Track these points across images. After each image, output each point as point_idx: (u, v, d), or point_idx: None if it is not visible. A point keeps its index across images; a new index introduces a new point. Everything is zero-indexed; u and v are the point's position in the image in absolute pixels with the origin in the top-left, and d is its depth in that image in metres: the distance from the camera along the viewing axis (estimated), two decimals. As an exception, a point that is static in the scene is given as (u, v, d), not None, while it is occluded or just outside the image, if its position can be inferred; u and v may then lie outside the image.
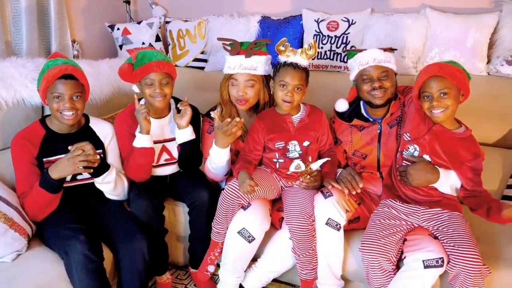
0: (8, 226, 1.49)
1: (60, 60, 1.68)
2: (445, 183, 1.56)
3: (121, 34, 2.81)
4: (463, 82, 1.52)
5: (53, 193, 1.58)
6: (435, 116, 1.54)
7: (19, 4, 2.26)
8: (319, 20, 2.47)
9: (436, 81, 1.51)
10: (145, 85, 1.78)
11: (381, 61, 1.70)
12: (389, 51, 1.76)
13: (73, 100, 1.65)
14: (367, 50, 1.75)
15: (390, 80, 1.73)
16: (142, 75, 1.76)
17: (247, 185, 1.60)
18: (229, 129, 1.67)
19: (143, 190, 1.80)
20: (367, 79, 1.73)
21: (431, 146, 1.58)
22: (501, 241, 1.68)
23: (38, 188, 1.57)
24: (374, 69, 1.71)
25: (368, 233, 1.58)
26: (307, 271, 1.67)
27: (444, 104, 1.51)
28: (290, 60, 1.67)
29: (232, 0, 2.76)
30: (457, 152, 1.55)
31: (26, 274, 1.43)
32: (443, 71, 1.50)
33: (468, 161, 1.54)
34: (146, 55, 1.77)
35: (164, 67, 1.76)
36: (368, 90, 1.72)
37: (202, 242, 1.84)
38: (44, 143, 1.69)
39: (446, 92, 1.50)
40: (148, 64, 1.74)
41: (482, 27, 2.16)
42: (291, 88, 1.66)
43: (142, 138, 1.77)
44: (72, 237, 1.50)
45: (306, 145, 1.74)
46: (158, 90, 1.76)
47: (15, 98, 1.92)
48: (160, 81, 1.76)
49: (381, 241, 1.53)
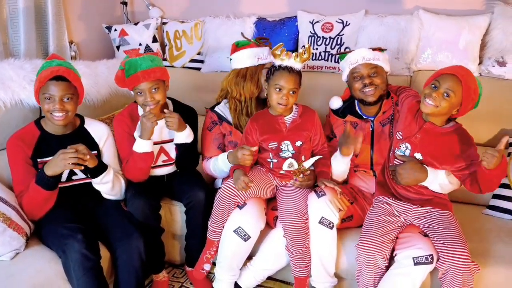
0: (6, 225, 1.51)
1: (56, 61, 1.70)
2: (433, 181, 1.59)
3: (118, 35, 2.83)
4: (469, 100, 1.51)
5: (49, 190, 1.60)
6: (425, 104, 1.53)
7: (17, 6, 2.27)
8: (314, 21, 2.50)
9: (451, 80, 1.50)
10: (136, 94, 1.80)
11: (370, 59, 1.76)
12: (378, 50, 1.81)
13: (63, 102, 1.66)
14: (356, 49, 1.82)
15: (380, 77, 1.77)
16: (131, 86, 1.79)
17: (242, 181, 1.64)
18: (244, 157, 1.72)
19: (140, 189, 1.83)
20: (357, 76, 1.78)
21: (422, 144, 1.61)
22: (490, 239, 1.72)
23: (34, 185, 1.59)
24: (364, 67, 1.76)
25: (367, 230, 1.60)
26: (300, 268, 1.70)
27: (439, 102, 1.50)
28: (285, 64, 1.70)
29: (228, 2, 2.78)
30: (449, 146, 1.57)
31: (24, 272, 1.46)
32: (465, 78, 1.50)
33: (463, 151, 1.55)
34: (132, 65, 1.76)
35: (150, 75, 1.74)
36: (359, 88, 1.77)
37: (198, 241, 1.87)
38: (39, 144, 1.71)
39: (449, 94, 1.49)
40: (135, 75, 1.74)
41: (474, 29, 2.19)
42: (287, 91, 1.69)
43: (143, 144, 1.79)
44: (70, 236, 1.52)
45: (299, 145, 1.77)
46: (149, 99, 1.77)
47: (13, 99, 1.94)
48: (149, 90, 1.76)
49: (380, 239, 1.56)
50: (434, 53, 2.27)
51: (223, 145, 1.97)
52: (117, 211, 1.78)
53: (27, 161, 1.68)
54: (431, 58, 2.27)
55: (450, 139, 1.58)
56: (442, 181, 1.59)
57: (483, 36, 2.21)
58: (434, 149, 1.59)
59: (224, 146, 1.97)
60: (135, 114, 1.92)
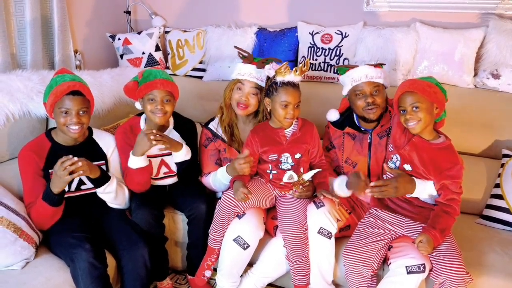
0: (17, 235, 1.57)
1: (68, 76, 1.76)
2: (422, 192, 1.66)
3: (121, 44, 2.88)
4: (434, 96, 1.61)
5: (54, 207, 1.65)
6: (410, 128, 1.63)
7: (24, 18, 2.33)
8: (314, 32, 2.56)
9: (408, 96, 1.61)
10: (147, 101, 1.86)
11: (373, 77, 1.80)
12: (378, 67, 1.86)
13: (79, 115, 1.73)
14: (359, 67, 1.85)
15: (381, 96, 1.82)
16: (146, 91, 1.84)
17: (241, 192, 1.70)
18: (240, 166, 1.75)
19: (144, 200, 1.88)
20: (360, 94, 1.82)
21: (410, 156, 1.67)
22: (482, 248, 1.77)
23: (40, 201, 1.65)
24: (367, 85, 1.80)
25: (352, 240, 1.69)
26: (300, 277, 1.76)
27: (417, 117, 1.59)
28: (287, 79, 1.75)
29: (230, 12, 2.84)
30: (436, 162, 1.63)
31: (35, 281, 1.51)
32: (413, 86, 1.61)
33: (447, 169, 1.61)
34: (152, 73, 1.86)
35: (167, 85, 1.85)
36: (363, 106, 1.81)
37: (200, 251, 1.92)
38: (50, 155, 1.76)
39: (418, 106, 1.59)
40: (153, 81, 1.83)
41: (469, 42, 2.25)
42: (293, 106, 1.75)
43: (136, 160, 1.81)
44: (78, 246, 1.58)
45: (298, 157, 1.83)
46: (160, 107, 1.84)
47: (21, 111, 1.99)
48: (162, 98, 1.84)
49: (363, 249, 1.64)
50: (430, 65, 2.32)
51: (219, 161, 2.03)
52: (122, 220, 1.84)
53: (39, 172, 1.73)
54: (428, 70, 2.32)
55: (438, 154, 1.64)
56: (430, 192, 1.65)
57: (478, 49, 2.27)
58: (421, 162, 1.65)
59: (221, 162, 2.03)
60: (136, 127, 1.97)
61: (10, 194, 1.72)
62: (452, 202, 1.62)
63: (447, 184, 1.62)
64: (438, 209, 1.63)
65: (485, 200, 2.06)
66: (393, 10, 2.46)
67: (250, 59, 1.94)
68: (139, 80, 1.89)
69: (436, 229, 1.56)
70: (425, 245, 1.53)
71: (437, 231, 1.55)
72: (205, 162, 2.01)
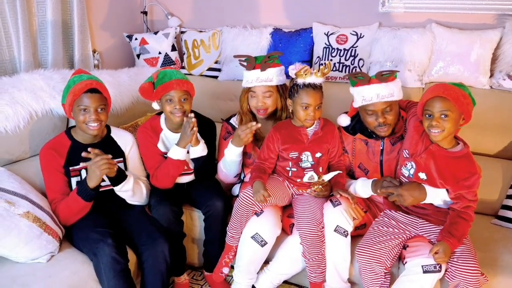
0: (43, 229, 1.62)
1: (85, 75, 1.81)
2: (435, 198, 1.65)
3: (138, 44, 2.93)
4: (466, 107, 1.54)
5: (88, 201, 1.72)
6: (432, 135, 1.58)
7: (45, 18, 2.39)
8: (329, 33, 2.57)
9: (439, 102, 1.54)
10: (165, 102, 1.89)
11: (385, 96, 1.71)
12: (391, 79, 1.74)
13: (98, 112, 1.77)
14: (371, 85, 1.73)
15: (393, 112, 1.77)
16: (163, 92, 1.88)
17: (261, 194, 1.72)
18: (244, 132, 1.81)
19: (163, 196, 1.93)
20: (370, 111, 1.77)
21: (427, 165, 1.63)
22: (498, 248, 1.78)
23: (75, 196, 1.71)
24: (378, 105, 1.74)
25: (366, 238, 1.70)
26: (316, 274, 1.79)
27: (442, 126, 1.54)
28: (308, 81, 1.76)
29: (245, 12, 2.87)
30: (453, 171, 1.59)
31: (61, 274, 1.57)
32: (447, 93, 1.53)
33: (464, 179, 1.58)
34: (167, 74, 1.90)
35: (183, 85, 1.89)
36: (374, 125, 1.79)
37: (217, 247, 1.96)
38: (70, 152, 1.82)
39: (447, 114, 1.53)
40: (169, 82, 1.86)
41: (485, 43, 2.25)
42: (313, 107, 1.77)
43: (179, 151, 1.88)
44: (101, 241, 1.62)
45: (318, 157, 1.85)
46: (178, 107, 1.88)
47: (44, 109, 2.04)
48: (179, 98, 1.88)
49: (376, 246, 1.65)
50: (446, 66, 2.32)
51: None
52: (142, 216, 1.88)
53: (60, 169, 1.79)
54: (443, 71, 2.33)
55: (455, 163, 1.60)
56: (443, 197, 1.65)
57: (494, 50, 2.26)
58: (438, 171, 1.61)
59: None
60: (157, 126, 2.02)
61: (34, 190, 1.77)
62: (468, 209, 1.60)
63: (463, 194, 1.59)
64: (454, 214, 1.61)
65: (500, 200, 2.06)
66: (408, 11, 2.46)
67: (253, 63, 1.92)
68: (154, 81, 1.93)
69: (454, 236, 1.54)
70: (441, 255, 1.53)
71: (455, 239, 1.54)
72: (221, 152, 2.04)
